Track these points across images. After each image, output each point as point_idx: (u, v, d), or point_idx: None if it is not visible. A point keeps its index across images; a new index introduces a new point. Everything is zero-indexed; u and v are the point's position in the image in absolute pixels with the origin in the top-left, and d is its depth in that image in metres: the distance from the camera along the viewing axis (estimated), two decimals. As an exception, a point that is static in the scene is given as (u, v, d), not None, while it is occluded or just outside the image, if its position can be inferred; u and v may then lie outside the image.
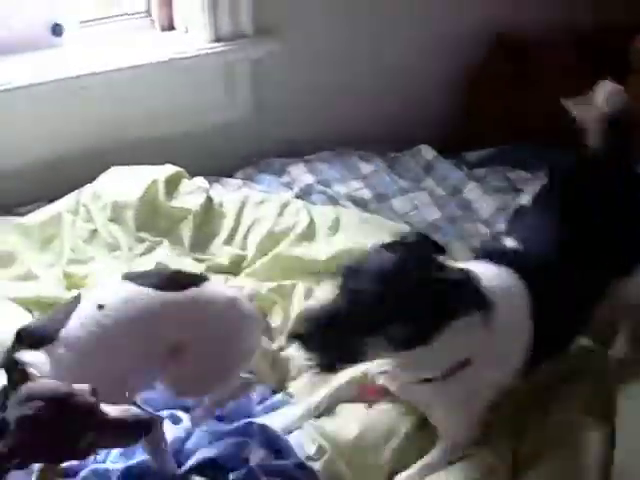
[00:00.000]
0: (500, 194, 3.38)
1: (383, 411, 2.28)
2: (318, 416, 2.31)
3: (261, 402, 2.40)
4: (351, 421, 2.27)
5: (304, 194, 3.33)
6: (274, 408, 2.37)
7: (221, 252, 2.99)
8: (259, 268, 2.89)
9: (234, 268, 2.93)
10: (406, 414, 2.26)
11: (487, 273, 2.11)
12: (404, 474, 2.15)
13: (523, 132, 3.60)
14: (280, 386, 2.48)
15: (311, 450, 2.18)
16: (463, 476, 2.10)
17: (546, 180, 2.50)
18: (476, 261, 2.27)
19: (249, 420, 2.22)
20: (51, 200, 3.24)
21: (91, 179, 3.22)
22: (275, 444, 2.18)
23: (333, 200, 3.31)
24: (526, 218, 2.43)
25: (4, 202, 3.27)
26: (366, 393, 2.32)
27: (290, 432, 2.25)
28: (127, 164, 3.26)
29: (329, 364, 1.95)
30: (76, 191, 3.20)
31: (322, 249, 2.95)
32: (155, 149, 3.41)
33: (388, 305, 1.87)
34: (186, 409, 2.30)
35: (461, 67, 3.91)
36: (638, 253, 2.38)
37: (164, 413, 2.25)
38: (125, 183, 3.14)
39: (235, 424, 2.22)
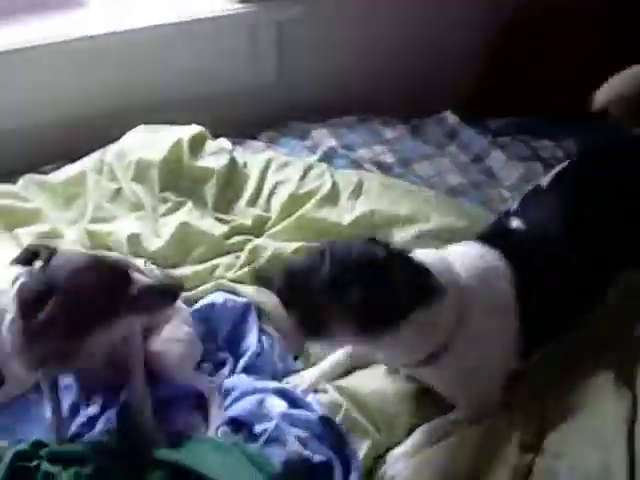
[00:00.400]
0: (524, 162, 3.35)
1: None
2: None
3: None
4: (368, 378, 2.32)
5: (327, 158, 3.31)
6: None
7: (244, 213, 2.99)
8: (282, 230, 2.89)
9: (257, 229, 2.93)
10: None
11: (469, 255, 2.17)
12: (397, 450, 2.16)
13: (544, 101, 3.56)
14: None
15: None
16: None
17: (566, 163, 2.50)
18: (465, 243, 2.29)
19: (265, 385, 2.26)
20: (74, 160, 3.26)
21: (115, 140, 3.23)
22: (294, 402, 2.23)
23: (356, 164, 3.30)
24: (539, 199, 2.41)
25: (28, 161, 3.28)
26: None
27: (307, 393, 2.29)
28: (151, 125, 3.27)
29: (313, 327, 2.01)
30: (100, 150, 3.21)
31: (345, 213, 2.95)
32: (179, 111, 3.39)
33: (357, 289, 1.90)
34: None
35: (483, 35, 3.87)
36: None
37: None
38: (149, 143, 3.14)
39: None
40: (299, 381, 2.34)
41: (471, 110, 3.67)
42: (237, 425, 2.19)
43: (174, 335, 2.28)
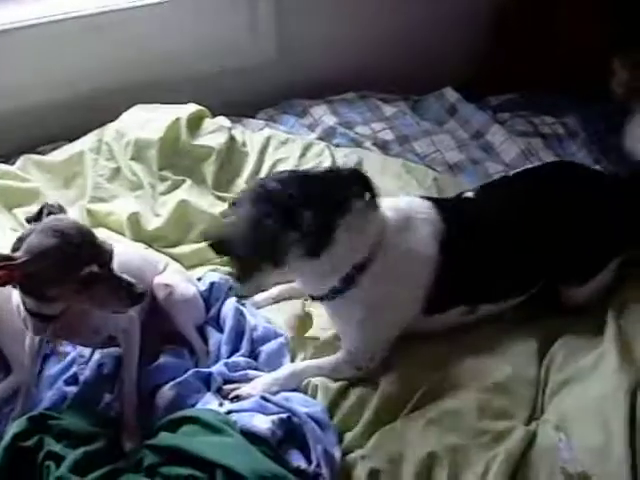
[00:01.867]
0: (524, 138, 3.33)
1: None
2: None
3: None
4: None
5: (326, 136, 3.31)
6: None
7: (244, 191, 2.98)
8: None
9: (257, 207, 2.91)
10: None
11: (405, 201, 2.33)
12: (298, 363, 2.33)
13: (545, 78, 3.55)
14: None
15: None
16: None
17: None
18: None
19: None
20: (72, 140, 3.25)
21: (112, 119, 3.21)
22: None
23: (355, 142, 3.29)
24: (498, 185, 2.55)
25: (26, 142, 3.27)
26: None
27: None
28: (149, 103, 3.25)
29: (248, 267, 2.11)
30: (98, 129, 3.20)
31: (344, 190, 2.93)
32: (177, 89, 3.38)
33: (295, 195, 2.05)
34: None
35: (486, 9, 3.84)
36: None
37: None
38: (147, 121, 3.12)
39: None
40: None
41: (472, 88, 3.64)
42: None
43: (185, 294, 2.38)
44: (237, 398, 2.22)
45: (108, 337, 2.22)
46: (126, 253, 2.37)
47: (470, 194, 2.43)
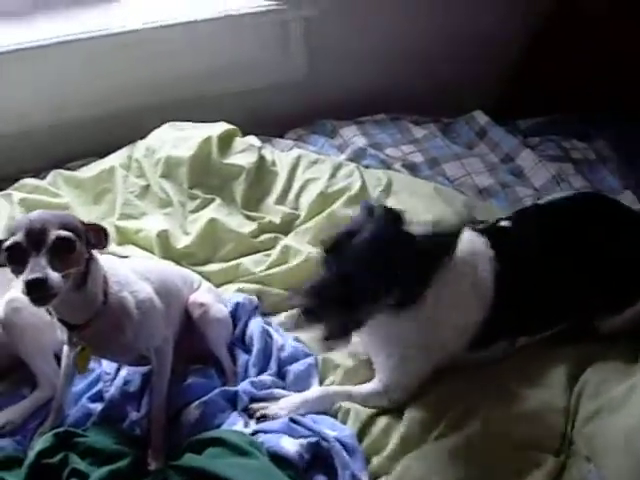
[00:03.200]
0: (555, 163, 3.30)
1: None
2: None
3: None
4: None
5: (356, 157, 3.30)
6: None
7: (273, 211, 2.99)
8: (311, 228, 2.87)
9: (286, 227, 2.92)
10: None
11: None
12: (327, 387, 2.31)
13: (575, 102, 3.53)
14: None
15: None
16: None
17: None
18: None
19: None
20: (102, 156, 3.26)
21: (142, 136, 3.23)
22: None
23: (385, 164, 3.28)
24: (530, 213, 2.51)
25: (56, 157, 3.30)
26: None
27: None
28: (179, 121, 3.26)
29: (337, 333, 2.02)
30: (129, 146, 3.22)
31: (374, 212, 2.92)
32: (206, 107, 3.40)
33: (383, 269, 1.96)
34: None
35: (515, 36, 3.84)
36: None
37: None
38: (178, 139, 3.13)
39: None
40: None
41: (501, 111, 3.63)
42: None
43: (218, 314, 2.38)
44: (264, 418, 2.20)
45: (141, 356, 2.21)
46: (166, 270, 2.40)
47: (506, 223, 2.39)
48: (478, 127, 3.55)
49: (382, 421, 2.18)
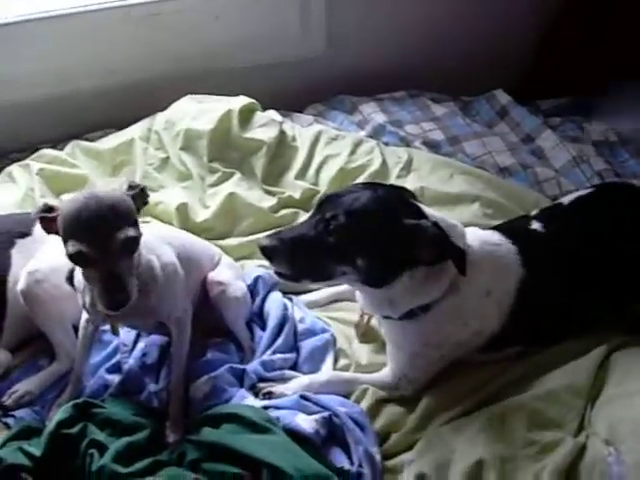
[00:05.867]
0: (575, 144, 3.27)
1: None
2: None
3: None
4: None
5: (376, 133, 3.28)
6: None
7: (293, 186, 2.97)
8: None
9: (305, 203, 2.91)
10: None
11: (477, 235, 2.20)
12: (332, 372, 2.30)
13: (599, 79, 3.50)
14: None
15: None
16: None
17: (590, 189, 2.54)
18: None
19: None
20: (121, 128, 3.25)
21: (162, 108, 3.21)
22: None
23: (405, 141, 3.25)
24: (560, 213, 2.45)
25: (74, 127, 3.29)
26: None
27: None
28: (199, 94, 3.25)
29: (292, 277, 2.10)
30: (148, 118, 3.20)
31: (395, 189, 2.91)
32: (225, 80, 3.38)
33: (355, 240, 1.98)
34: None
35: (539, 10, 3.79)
36: None
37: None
38: (198, 112, 3.11)
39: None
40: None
41: (521, 91, 3.59)
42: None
43: (236, 293, 2.36)
44: (270, 395, 2.20)
45: (159, 323, 2.20)
46: (187, 239, 2.38)
47: (537, 226, 2.31)
48: (499, 106, 3.51)
49: (401, 400, 2.19)
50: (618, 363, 2.23)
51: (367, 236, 1.98)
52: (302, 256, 2.04)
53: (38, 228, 1.93)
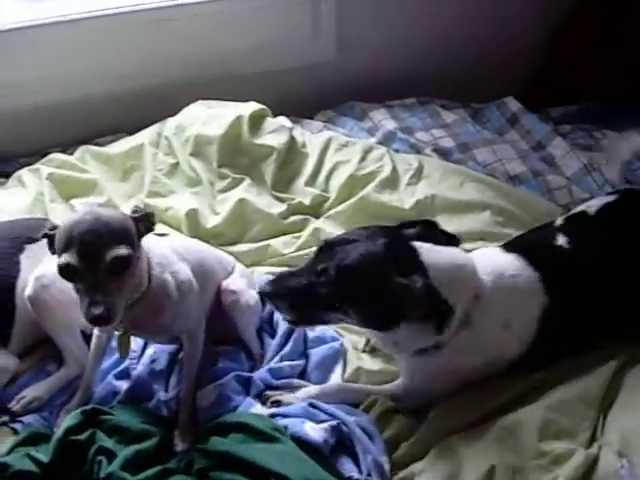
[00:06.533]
0: (586, 152, 3.25)
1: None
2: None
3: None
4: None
5: (386, 140, 3.26)
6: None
7: (303, 192, 2.97)
8: (342, 212, 2.86)
9: (315, 209, 2.91)
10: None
11: (493, 264, 2.14)
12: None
13: (610, 86, 3.48)
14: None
15: None
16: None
17: (615, 196, 2.49)
18: (505, 253, 2.24)
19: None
20: (131, 133, 3.24)
21: (172, 114, 3.21)
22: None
23: (415, 148, 3.24)
24: (586, 224, 2.39)
25: (85, 132, 3.29)
26: None
27: None
28: (209, 99, 3.24)
29: (293, 322, 2.13)
30: (158, 124, 3.20)
31: (406, 197, 2.91)
32: (236, 86, 3.38)
33: (344, 295, 1.99)
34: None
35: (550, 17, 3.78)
36: None
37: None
38: (209, 118, 3.11)
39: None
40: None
41: (531, 98, 3.58)
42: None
43: (249, 302, 2.36)
44: (277, 403, 2.19)
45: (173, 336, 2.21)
46: (204, 251, 2.37)
47: (562, 242, 2.27)
48: (510, 113, 3.49)
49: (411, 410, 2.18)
50: (631, 374, 2.20)
51: (355, 293, 1.98)
52: (300, 303, 2.05)
53: None
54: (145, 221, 1.92)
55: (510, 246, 2.28)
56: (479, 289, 2.07)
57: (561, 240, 2.28)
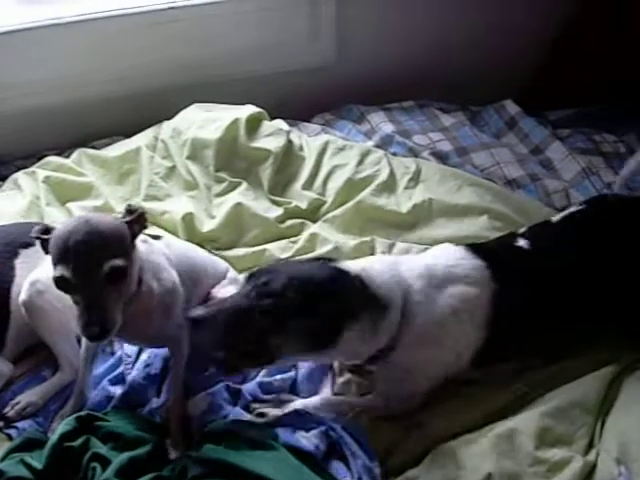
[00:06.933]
0: (585, 156, 3.23)
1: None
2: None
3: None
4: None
5: (383, 144, 3.25)
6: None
7: (300, 196, 2.95)
8: (339, 216, 2.84)
9: (312, 213, 2.89)
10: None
11: (427, 259, 2.18)
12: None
13: (606, 93, 3.47)
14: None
15: None
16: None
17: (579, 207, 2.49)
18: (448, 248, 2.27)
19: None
20: (127, 136, 3.23)
21: (168, 117, 3.20)
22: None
23: (413, 151, 3.22)
24: (548, 231, 2.41)
25: (81, 135, 3.29)
26: None
27: None
28: (206, 102, 3.23)
29: (234, 366, 2.05)
30: (155, 127, 3.19)
31: (403, 201, 2.89)
32: (233, 89, 3.37)
33: (286, 301, 1.92)
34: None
35: (548, 25, 3.77)
36: None
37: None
38: (205, 121, 3.10)
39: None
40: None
41: (529, 102, 3.56)
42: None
43: None
44: (262, 416, 2.18)
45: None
46: (197, 257, 2.36)
47: (523, 243, 2.29)
48: (508, 117, 3.48)
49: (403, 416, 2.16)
50: (630, 380, 2.19)
51: (297, 296, 1.94)
52: (236, 331, 1.94)
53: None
54: (139, 221, 1.91)
55: (469, 246, 2.29)
56: (409, 285, 2.09)
57: (521, 242, 2.30)
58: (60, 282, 1.79)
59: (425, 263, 2.17)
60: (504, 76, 3.67)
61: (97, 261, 1.77)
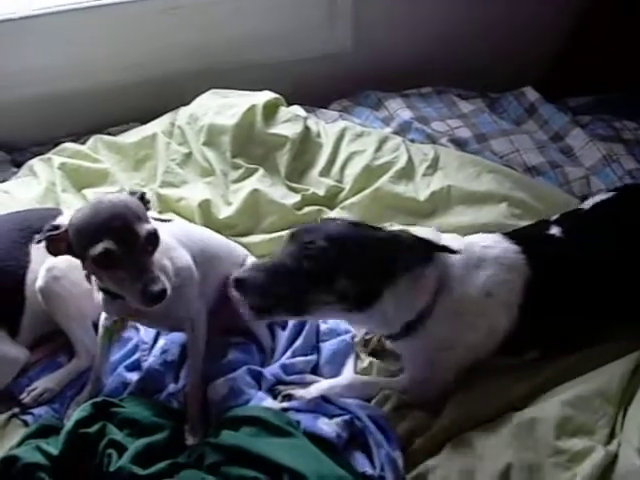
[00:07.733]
0: (605, 143, 3.19)
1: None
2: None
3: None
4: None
5: (401, 130, 3.22)
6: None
7: (317, 183, 2.92)
8: (357, 203, 2.81)
9: (330, 200, 2.87)
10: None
11: (465, 239, 2.19)
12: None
13: (629, 78, 3.43)
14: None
15: None
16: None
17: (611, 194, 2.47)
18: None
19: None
20: (143, 122, 3.22)
21: (185, 103, 3.19)
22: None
23: (431, 138, 3.19)
24: (580, 219, 2.40)
25: (97, 122, 3.28)
26: None
27: None
28: (223, 88, 3.21)
29: (263, 309, 1.96)
30: (171, 113, 3.17)
31: (421, 188, 2.87)
32: (251, 75, 3.34)
33: (334, 261, 1.92)
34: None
35: (567, 11, 3.72)
36: None
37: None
38: (222, 107, 3.08)
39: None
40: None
41: (549, 88, 3.52)
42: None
43: None
44: (289, 397, 2.16)
45: (178, 322, 2.16)
46: (209, 239, 2.34)
47: (555, 231, 2.27)
48: (528, 103, 3.43)
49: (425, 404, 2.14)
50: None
51: (346, 254, 1.93)
52: (278, 287, 1.93)
53: (60, 221, 1.90)
54: (144, 202, 1.93)
55: (504, 233, 2.27)
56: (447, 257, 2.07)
57: (554, 230, 2.28)
58: (103, 258, 1.78)
59: (463, 241, 2.17)
60: (524, 62, 3.63)
61: (133, 228, 1.79)
